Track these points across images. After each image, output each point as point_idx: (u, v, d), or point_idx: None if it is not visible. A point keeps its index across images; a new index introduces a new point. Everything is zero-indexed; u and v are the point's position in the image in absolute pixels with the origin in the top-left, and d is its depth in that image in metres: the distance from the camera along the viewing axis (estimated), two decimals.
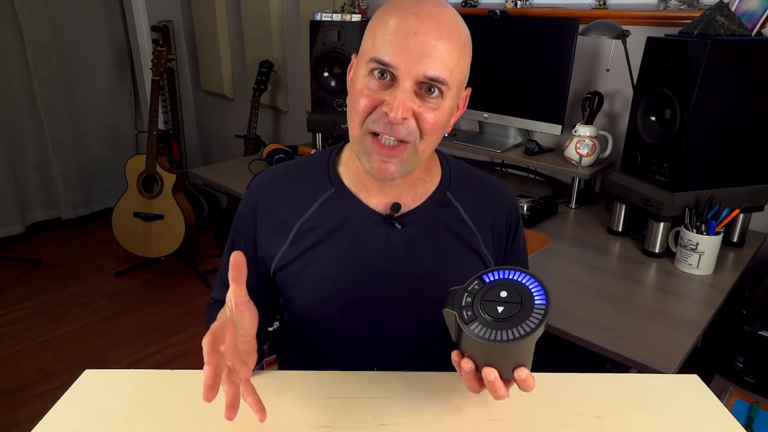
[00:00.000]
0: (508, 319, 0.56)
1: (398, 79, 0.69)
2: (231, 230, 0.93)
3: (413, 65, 0.67)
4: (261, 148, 2.71)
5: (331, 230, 0.82)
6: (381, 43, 0.68)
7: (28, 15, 2.97)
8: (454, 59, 0.70)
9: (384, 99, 0.70)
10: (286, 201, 0.85)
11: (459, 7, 2.00)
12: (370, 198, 0.82)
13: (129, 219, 2.75)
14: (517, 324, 0.55)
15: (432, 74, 0.68)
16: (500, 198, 0.89)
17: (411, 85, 0.69)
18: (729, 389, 1.24)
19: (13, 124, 3.09)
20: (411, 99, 0.69)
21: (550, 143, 1.86)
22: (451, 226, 0.84)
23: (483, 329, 0.56)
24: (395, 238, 0.82)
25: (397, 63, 0.67)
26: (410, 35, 0.67)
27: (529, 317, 0.55)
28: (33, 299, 2.64)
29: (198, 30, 3.18)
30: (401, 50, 0.67)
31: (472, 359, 0.60)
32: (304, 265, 0.83)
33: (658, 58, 1.29)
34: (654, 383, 0.76)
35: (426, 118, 0.70)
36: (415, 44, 0.67)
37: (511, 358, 0.58)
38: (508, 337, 0.54)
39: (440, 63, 0.68)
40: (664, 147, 1.29)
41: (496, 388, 0.59)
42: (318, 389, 0.74)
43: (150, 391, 0.74)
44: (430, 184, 0.85)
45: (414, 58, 0.67)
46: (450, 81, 0.70)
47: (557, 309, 1.11)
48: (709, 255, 1.24)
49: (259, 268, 0.88)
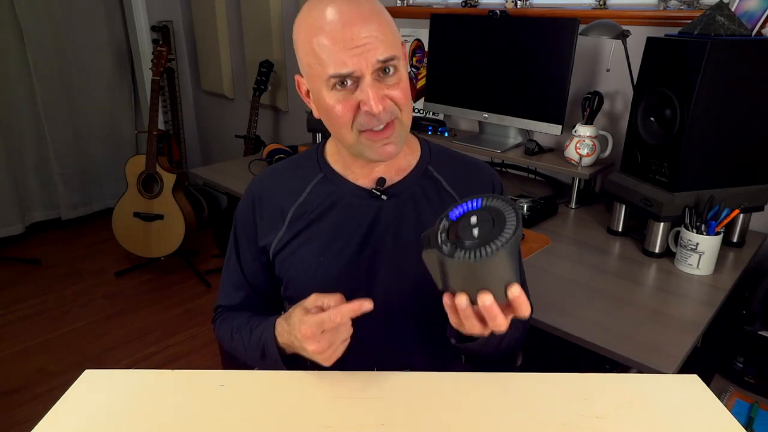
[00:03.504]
0: (487, 234, 0.57)
1: (359, 78, 0.74)
2: (232, 231, 0.96)
3: (367, 58, 0.73)
4: (261, 148, 2.71)
5: (323, 211, 0.88)
6: (329, 61, 0.73)
7: (28, 15, 2.97)
8: (390, 33, 0.76)
9: (358, 100, 0.75)
10: (281, 190, 0.91)
11: (459, 7, 2.00)
12: (357, 177, 0.89)
13: (129, 219, 2.75)
14: (497, 235, 0.56)
15: (384, 56, 0.73)
16: (483, 175, 0.94)
17: (371, 77, 0.74)
18: (729, 389, 1.24)
19: (13, 124, 3.09)
20: (378, 87, 0.75)
21: (550, 143, 1.86)
22: (435, 197, 0.89)
23: (468, 253, 0.56)
24: (382, 211, 0.87)
25: (354, 66, 0.73)
26: (347, 40, 0.72)
27: (505, 226, 0.57)
28: (33, 299, 2.64)
29: (198, 30, 3.18)
30: (349, 55, 0.72)
31: (465, 293, 0.61)
32: (298, 246, 0.88)
33: (658, 58, 1.29)
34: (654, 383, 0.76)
35: (396, 95, 0.77)
36: (355, 43, 0.72)
37: (502, 274, 0.59)
38: (495, 248, 0.55)
39: (381, 43, 0.73)
40: (664, 147, 1.29)
41: (495, 314, 0.60)
42: (318, 389, 0.74)
43: (150, 391, 0.74)
44: (411, 158, 0.91)
45: (362, 54, 0.72)
46: (396, 52, 0.76)
47: (557, 308, 1.11)
48: (709, 255, 1.24)
49: (262, 260, 0.92)
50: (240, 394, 0.74)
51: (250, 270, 0.94)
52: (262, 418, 0.69)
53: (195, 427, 0.68)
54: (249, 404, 0.72)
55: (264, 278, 0.95)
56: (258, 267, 0.94)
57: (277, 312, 0.98)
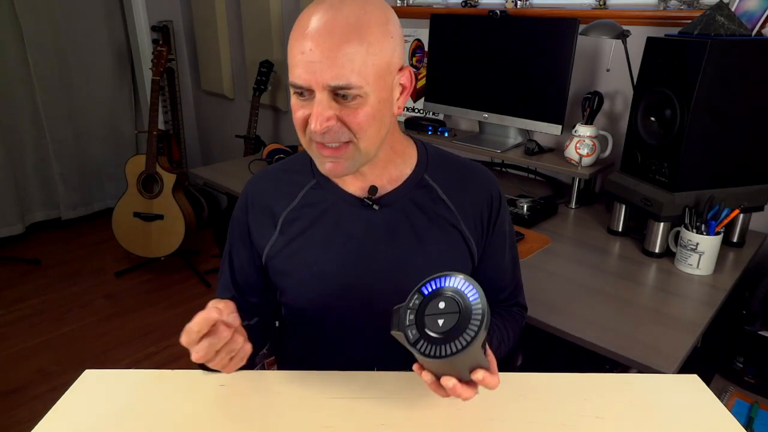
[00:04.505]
0: (450, 330, 0.57)
1: (313, 92, 0.71)
2: (228, 232, 0.95)
3: (317, 78, 0.69)
4: (261, 148, 2.71)
5: (315, 218, 0.87)
6: (291, 67, 0.72)
7: (28, 15, 2.97)
8: (358, 60, 0.69)
9: (309, 113, 0.73)
10: (273, 194, 0.90)
11: (459, 7, 2.01)
12: (349, 185, 0.87)
13: (129, 219, 2.75)
14: (458, 335, 0.56)
15: (335, 83, 0.69)
16: (480, 180, 0.92)
17: (326, 95, 0.71)
18: (729, 389, 1.24)
19: (13, 124, 3.09)
20: (330, 107, 0.71)
21: (550, 143, 1.86)
22: (430, 207, 0.87)
23: (428, 347, 0.57)
24: (374, 221, 0.85)
25: (306, 81, 0.70)
26: (306, 53, 0.69)
27: (468, 325, 0.56)
28: (33, 299, 2.64)
29: (198, 30, 3.18)
30: (303, 69, 0.70)
31: (430, 371, 0.62)
32: (292, 253, 0.87)
33: (658, 58, 1.29)
34: (654, 383, 0.76)
35: (350, 120, 0.73)
36: (311, 59, 0.69)
37: (463, 365, 0.60)
38: (452, 351, 0.56)
39: (341, 69, 0.69)
40: (664, 147, 1.29)
41: (458, 393, 0.62)
42: (318, 389, 0.74)
43: (150, 391, 0.74)
44: (405, 167, 0.88)
45: (316, 71, 0.69)
46: (359, 82, 0.70)
47: (557, 309, 1.11)
48: (709, 255, 1.24)
49: (257, 262, 0.92)
50: (240, 394, 0.74)
51: (241, 271, 0.93)
52: (262, 418, 0.69)
53: (195, 427, 0.68)
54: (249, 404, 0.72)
55: (256, 280, 0.93)
56: (252, 269, 0.92)
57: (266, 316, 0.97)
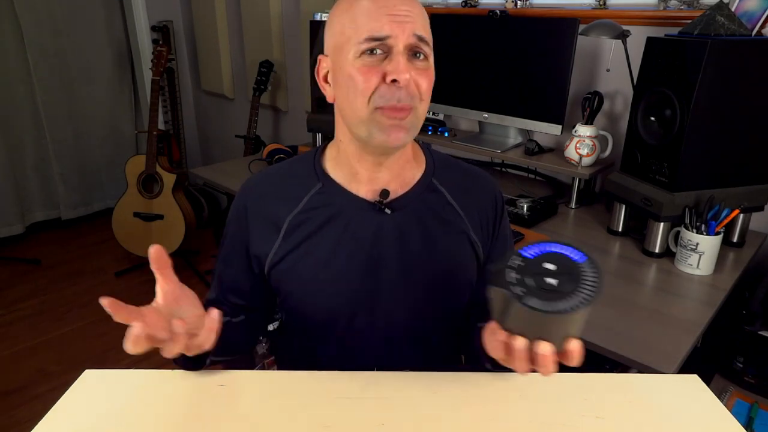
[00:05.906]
0: (563, 289, 0.54)
1: (392, 48, 0.73)
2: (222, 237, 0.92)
3: (403, 30, 0.73)
4: (261, 148, 2.71)
5: (321, 223, 0.84)
6: (367, 21, 0.73)
7: (28, 15, 2.97)
8: (426, 20, 0.77)
9: (385, 71, 0.73)
10: (275, 199, 0.86)
11: (459, 7, 2.00)
12: (360, 189, 0.84)
13: (129, 219, 2.75)
14: (572, 292, 0.54)
15: (420, 32, 0.74)
16: (485, 185, 0.92)
17: (404, 52, 0.73)
18: (729, 389, 1.24)
19: (13, 124, 3.09)
20: (407, 64, 0.74)
21: (550, 143, 1.86)
22: (439, 211, 0.86)
23: (541, 303, 0.53)
24: (385, 225, 0.83)
25: (392, 32, 0.72)
26: (390, 6, 0.73)
27: (584, 285, 0.54)
28: (33, 299, 2.64)
29: (198, 30, 3.18)
30: (390, 20, 0.72)
31: (524, 336, 0.58)
32: (297, 259, 0.84)
33: (658, 58, 1.29)
34: (654, 383, 0.76)
35: (420, 81, 0.75)
36: (398, 12, 0.73)
37: (567, 329, 0.57)
38: (575, 305, 0.53)
39: (420, 23, 0.75)
40: (664, 147, 1.29)
41: (548, 362, 0.58)
42: (318, 389, 0.74)
43: (150, 391, 0.74)
44: (417, 170, 0.87)
45: (402, 22, 0.73)
46: (429, 39, 0.76)
47: None
48: (709, 255, 1.24)
49: (253, 270, 0.89)
50: (240, 394, 0.74)
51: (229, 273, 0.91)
52: (262, 418, 0.69)
53: (195, 427, 0.68)
54: (249, 404, 0.72)
55: (245, 283, 0.90)
56: (241, 272, 0.89)
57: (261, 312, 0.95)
